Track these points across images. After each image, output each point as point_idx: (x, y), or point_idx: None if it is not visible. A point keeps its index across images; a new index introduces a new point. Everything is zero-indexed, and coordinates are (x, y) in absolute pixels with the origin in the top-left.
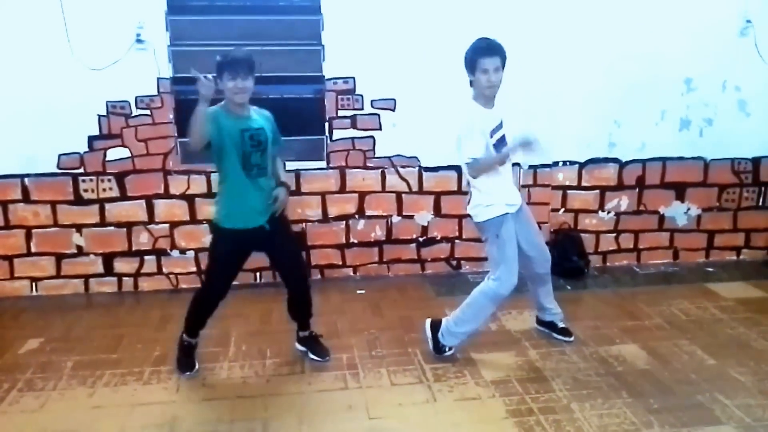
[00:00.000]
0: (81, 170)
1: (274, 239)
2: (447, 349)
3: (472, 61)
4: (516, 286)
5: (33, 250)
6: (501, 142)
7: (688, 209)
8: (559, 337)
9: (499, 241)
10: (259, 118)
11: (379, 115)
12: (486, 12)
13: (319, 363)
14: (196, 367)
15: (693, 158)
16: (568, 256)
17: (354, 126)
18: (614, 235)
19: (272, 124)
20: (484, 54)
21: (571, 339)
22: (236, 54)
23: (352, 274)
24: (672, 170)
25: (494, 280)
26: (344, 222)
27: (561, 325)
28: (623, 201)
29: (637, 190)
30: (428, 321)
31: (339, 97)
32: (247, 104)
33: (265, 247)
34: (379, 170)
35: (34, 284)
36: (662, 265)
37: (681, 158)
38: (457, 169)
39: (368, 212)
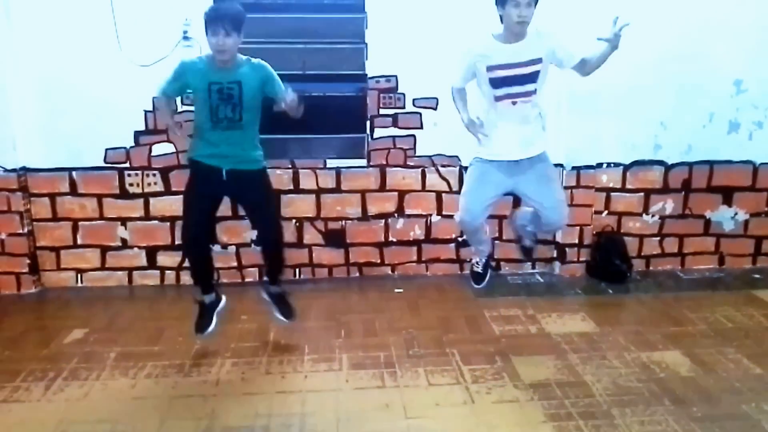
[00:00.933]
0: (127, 165)
1: (245, 192)
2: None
3: None
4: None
5: (79, 242)
6: (517, 81)
7: (736, 214)
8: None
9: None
10: (244, 70)
11: (420, 114)
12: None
13: (287, 325)
14: (210, 327)
15: (741, 162)
16: (611, 259)
17: (395, 124)
18: (658, 239)
19: (261, 75)
20: None
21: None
22: (220, 9)
23: (390, 272)
24: (719, 174)
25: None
26: (383, 220)
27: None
28: (668, 204)
29: (682, 193)
30: None
31: (381, 95)
32: (234, 59)
33: (235, 197)
34: (420, 169)
35: (79, 275)
36: (707, 270)
37: (729, 162)
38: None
39: (408, 211)
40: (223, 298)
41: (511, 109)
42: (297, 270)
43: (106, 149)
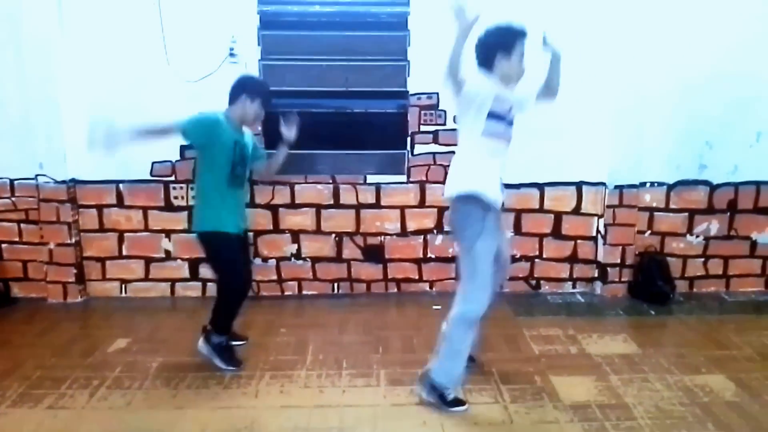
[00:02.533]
0: (172, 178)
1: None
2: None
3: (510, 45)
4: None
5: (124, 253)
6: (510, 125)
7: None
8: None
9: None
10: (246, 134)
11: None
12: (574, 27)
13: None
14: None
15: None
16: (654, 280)
17: (436, 141)
18: (702, 260)
19: (253, 142)
20: (525, 36)
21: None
22: (268, 86)
23: (428, 289)
24: (766, 195)
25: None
26: (422, 236)
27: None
28: (713, 225)
29: (728, 214)
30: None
31: (422, 112)
32: None
33: None
34: None
35: (123, 286)
36: (753, 293)
37: None
38: (539, 186)
39: (447, 228)
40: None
41: (502, 151)
42: (336, 284)
43: (153, 162)
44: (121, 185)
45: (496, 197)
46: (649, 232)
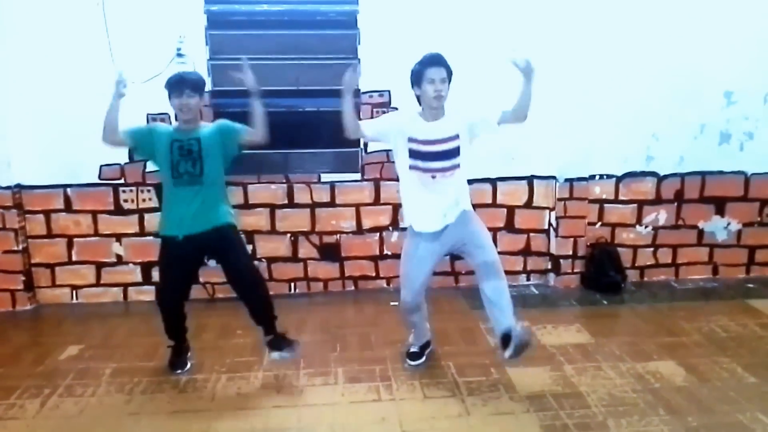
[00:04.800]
0: (121, 181)
1: (218, 250)
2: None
3: (418, 74)
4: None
5: (74, 258)
6: (437, 157)
7: (728, 224)
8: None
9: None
10: (204, 130)
11: None
12: (522, 26)
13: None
14: (186, 367)
15: (733, 172)
16: (605, 270)
17: None
18: (652, 249)
19: (218, 126)
20: (430, 64)
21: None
22: (183, 74)
23: (385, 285)
24: (711, 184)
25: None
26: (378, 234)
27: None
28: (661, 215)
29: (675, 204)
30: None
31: (374, 110)
32: (195, 120)
33: (212, 256)
34: None
35: (74, 292)
36: (701, 280)
37: (721, 172)
38: (491, 182)
39: (402, 224)
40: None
41: (431, 183)
42: (292, 284)
43: (101, 166)
44: (68, 189)
45: (423, 227)
46: (599, 223)
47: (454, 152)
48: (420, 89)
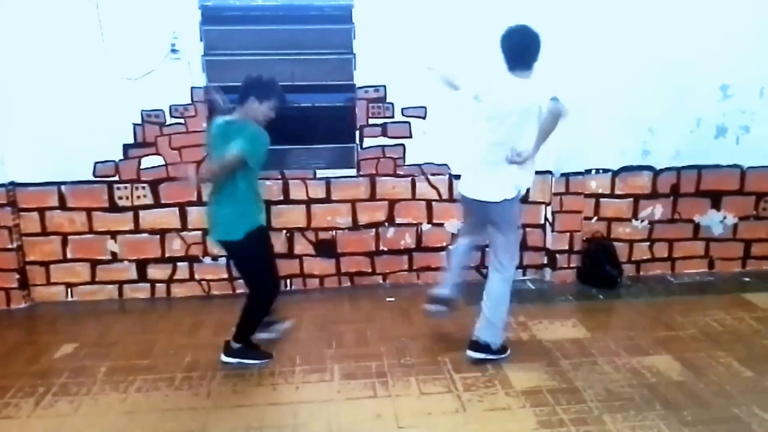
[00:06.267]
0: (116, 178)
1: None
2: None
3: None
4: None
5: (69, 256)
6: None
7: (724, 218)
8: None
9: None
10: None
11: (409, 123)
12: (518, 19)
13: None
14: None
15: (729, 166)
16: (601, 265)
17: (384, 134)
18: (648, 244)
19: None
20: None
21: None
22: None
23: (381, 281)
24: (707, 178)
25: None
26: (374, 229)
27: None
28: (657, 209)
29: (671, 198)
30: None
31: (370, 105)
32: None
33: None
34: (410, 178)
35: (69, 290)
36: (697, 274)
37: (717, 166)
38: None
39: (398, 220)
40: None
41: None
42: (288, 281)
43: (95, 163)
44: (62, 187)
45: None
46: (595, 218)
47: None
48: None
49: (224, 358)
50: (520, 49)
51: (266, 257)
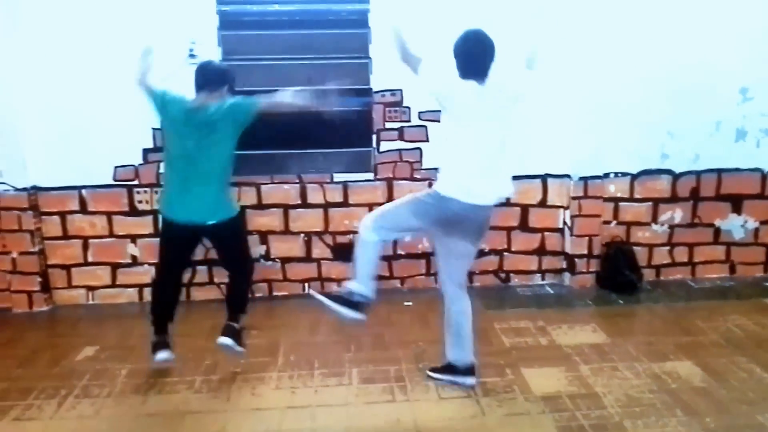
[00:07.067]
0: (136, 182)
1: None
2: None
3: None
4: None
5: (89, 259)
6: None
7: (745, 222)
8: None
9: None
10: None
11: (426, 127)
12: (534, 23)
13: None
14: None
15: (750, 170)
16: (620, 269)
17: (401, 138)
18: (668, 248)
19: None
20: None
21: None
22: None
23: (399, 286)
24: (728, 182)
25: None
26: None
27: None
28: (677, 213)
29: (691, 202)
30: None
31: (386, 109)
32: None
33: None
34: (427, 182)
35: (90, 293)
36: (718, 279)
37: (737, 170)
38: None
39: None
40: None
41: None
42: (306, 284)
43: (115, 167)
44: (83, 191)
45: None
46: (614, 222)
47: None
48: None
49: (225, 341)
50: (490, 54)
51: None
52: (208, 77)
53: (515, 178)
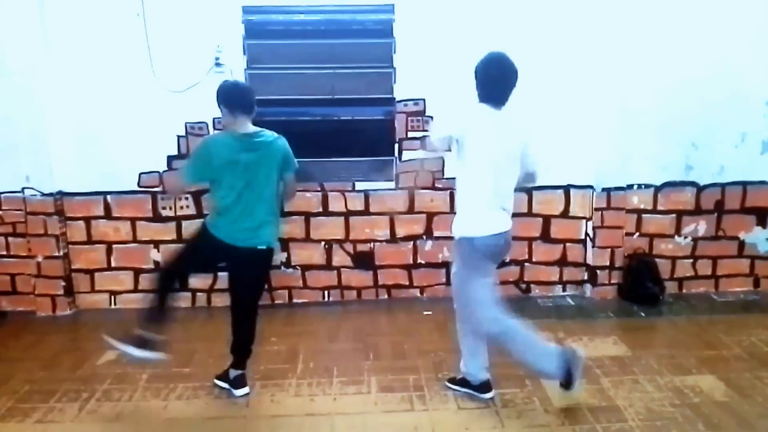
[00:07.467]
0: (160, 189)
1: None
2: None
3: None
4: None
5: (113, 264)
6: None
7: None
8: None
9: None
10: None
11: None
12: (558, 34)
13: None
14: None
15: None
16: (643, 281)
17: (423, 147)
18: (691, 261)
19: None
20: None
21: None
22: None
23: (419, 294)
24: (753, 195)
25: None
26: (412, 242)
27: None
28: (701, 226)
29: (715, 214)
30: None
31: (409, 118)
32: None
33: None
34: (448, 191)
35: (113, 297)
36: (742, 293)
37: (763, 182)
38: (527, 191)
39: (436, 233)
40: None
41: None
42: (326, 292)
43: (140, 173)
44: (108, 197)
45: None
46: (637, 234)
47: None
48: None
49: (221, 384)
50: (512, 81)
51: None
52: (248, 101)
53: (538, 188)
